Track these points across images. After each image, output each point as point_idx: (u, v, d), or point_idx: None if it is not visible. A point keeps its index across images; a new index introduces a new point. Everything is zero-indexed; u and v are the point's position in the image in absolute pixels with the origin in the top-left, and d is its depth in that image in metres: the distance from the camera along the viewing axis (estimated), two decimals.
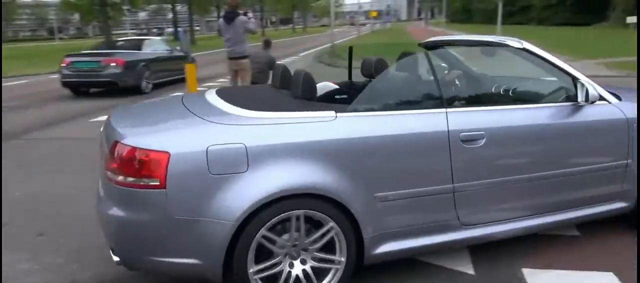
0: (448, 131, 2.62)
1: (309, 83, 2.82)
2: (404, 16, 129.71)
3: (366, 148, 2.50)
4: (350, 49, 4.01)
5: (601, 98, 3.02)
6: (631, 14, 22.03)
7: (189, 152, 2.28)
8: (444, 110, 2.70)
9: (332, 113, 2.53)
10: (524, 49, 3.04)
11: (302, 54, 24.36)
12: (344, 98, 3.24)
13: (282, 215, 2.36)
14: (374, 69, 3.38)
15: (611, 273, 2.78)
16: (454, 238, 2.75)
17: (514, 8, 53.81)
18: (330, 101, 3.00)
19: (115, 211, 2.37)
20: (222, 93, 2.94)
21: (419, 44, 4.30)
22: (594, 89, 2.95)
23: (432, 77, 2.82)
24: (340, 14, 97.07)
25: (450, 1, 74.27)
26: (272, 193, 2.31)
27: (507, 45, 3.12)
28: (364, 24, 60.13)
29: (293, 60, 20.71)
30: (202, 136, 2.35)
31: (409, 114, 2.69)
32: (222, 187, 2.28)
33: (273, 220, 2.35)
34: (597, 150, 3.04)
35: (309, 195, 2.39)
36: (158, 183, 2.25)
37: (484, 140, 2.68)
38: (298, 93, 2.80)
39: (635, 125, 3.05)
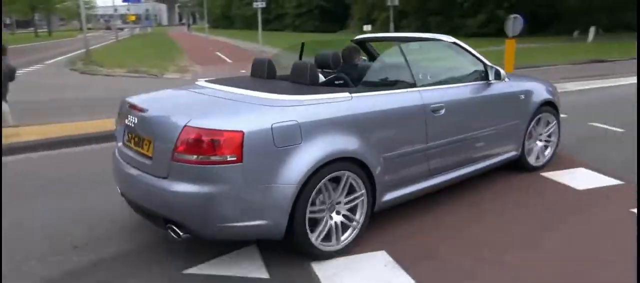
0: (423, 104, 3.48)
1: (314, 72, 3.50)
2: (165, 21, 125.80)
3: (376, 120, 3.23)
4: (303, 44, 4.60)
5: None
6: (366, 24, 26.07)
7: (259, 129, 2.71)
8: (417, 89, 3.53)
9: (347, 94, 3.14)
10: (454, 43, 4.08)
11: (49, 62, 21.33)
12: (341, 83, 3.71)
13: (331, 175, 2.93)
14: (330, 61, 4.14)
15: (383, 251, 3.13)
16: (426, 185, 3.64)
17: (270, 16, 57.31)
18: (330, 86, 3.57)
19: (188, 187, 2.66)
20: (234, 82, 3.48)
21: (351, 40, 5.08)
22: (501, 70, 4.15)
23: (405, 63, 3.58)
24: (93, 17, 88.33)
25: (210, 7, 74.86)
26: (324, 157, 2.86)
27: (441, 40, 4.18)
28: (121, 29, 56.19)
29: (36, 69, 17.97)
30: (265, 116, 2.79)
31: (399, 92, 3.47)
32: (285, 157, 2.76)
33: (324, 179, 2.90)
34: (504, 114, 4.25)
35: (344, 159, 2.98)
36: (235, 158, 2.63)
37: (444, 110, 3.59)
38: (305, 80, 3.43)
39: (521, 95, 4.35)
